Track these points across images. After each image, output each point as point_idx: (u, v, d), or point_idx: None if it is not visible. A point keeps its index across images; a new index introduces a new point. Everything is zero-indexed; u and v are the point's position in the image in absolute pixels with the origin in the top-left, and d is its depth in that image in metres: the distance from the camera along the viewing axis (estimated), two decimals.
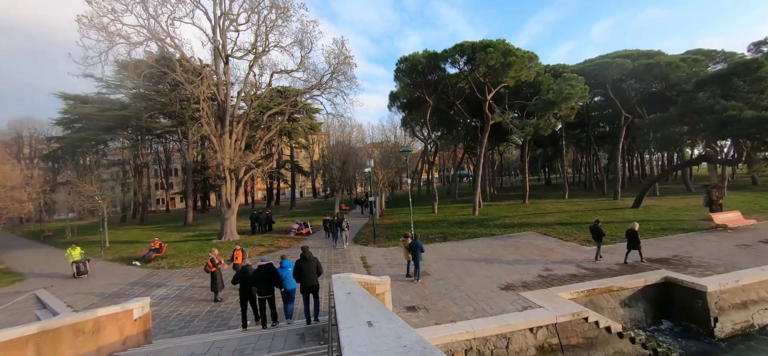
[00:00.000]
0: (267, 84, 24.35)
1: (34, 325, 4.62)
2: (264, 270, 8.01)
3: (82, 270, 15.75)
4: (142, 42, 18.44)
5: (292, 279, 8.08)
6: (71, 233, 30.84)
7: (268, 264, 8.13)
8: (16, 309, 12.26)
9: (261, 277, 7.94)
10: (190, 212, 34.40)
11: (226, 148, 21.15)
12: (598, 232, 12.86)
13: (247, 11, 22.75)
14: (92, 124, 36.38)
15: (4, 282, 15.68)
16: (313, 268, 7.86)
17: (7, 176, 16.40)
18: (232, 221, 21.72)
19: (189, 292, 12.16)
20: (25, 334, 4.42)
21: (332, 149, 50.86)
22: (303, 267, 7.80)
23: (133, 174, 41.78)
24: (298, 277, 7.87)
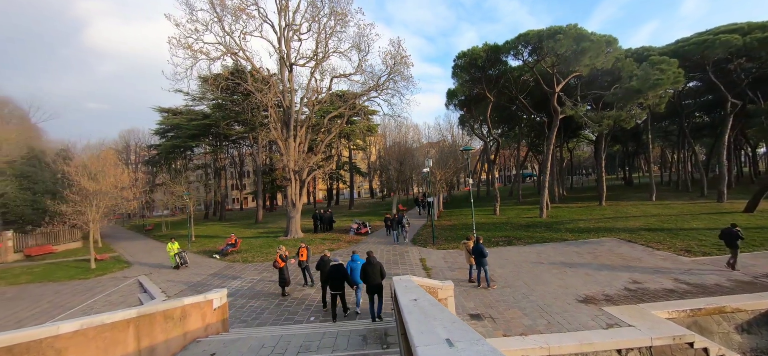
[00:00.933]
0: (327, 89, 25.33)
1: (134, 310, 5.21)
2: (335, 269, 8.99)
3: (181, 261, 17.41)
4: (220, 57, 20.47)
5: (359, 272, 9.05)
6: (166, 227, 35.53)
7: (339, 264, 9.10)
8: (124, 292, 14.35)
9: (333, 276, 8.95)
10: (260, 211, 37.33)
11: (291, 151, 22.44)
12: (733, 236, 10.81)
13: (308, 21, 23.94)
14: (181, 132, 41.57)
15: (116, 268, 18.49)
16: (377, 271, 8.52)
17: (119, 178, 19.20)
18: (296, 220, 22.98)
19: (259, 285, 13.04)
20: (127, 318, 4.98)
21: (389, 149, 51.30)
22: (368, 270, 8.54)
23: (214, 176, 46.72)
24: (364, 279, 8.63)
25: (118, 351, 4.91)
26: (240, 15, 20.08)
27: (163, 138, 46.64)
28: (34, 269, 19.66)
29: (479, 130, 40.10)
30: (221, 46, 21.01)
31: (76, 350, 4.21)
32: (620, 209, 25.46)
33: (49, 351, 3.88)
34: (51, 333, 3.91)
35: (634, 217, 21.51)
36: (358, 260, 9.45)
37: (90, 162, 20.38)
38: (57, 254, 24.30)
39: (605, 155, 33.27)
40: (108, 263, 19.84)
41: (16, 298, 14.74)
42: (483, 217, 26.48)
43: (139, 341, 5.32)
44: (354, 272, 9.31)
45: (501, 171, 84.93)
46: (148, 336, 5.53)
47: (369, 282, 8.47)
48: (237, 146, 53.40)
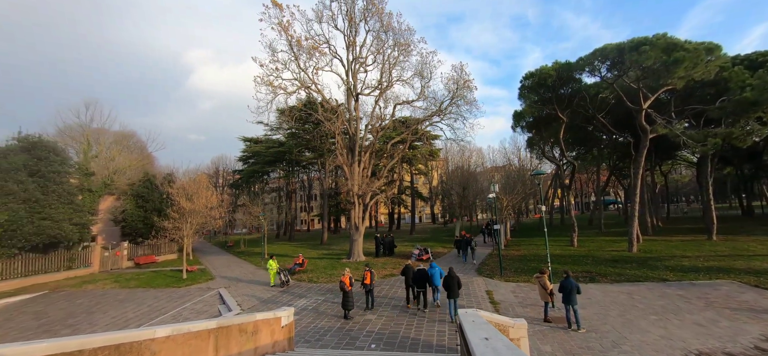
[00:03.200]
0: (390, 115, 26.04)
1: (214, 321, 5.66)
2: (419, 273, 12.19)
3: (285, 279, 17.42)
4: (295, 91, 22.53)
5: (438, 277, 12.05)
6: (244, 244, 39.04)
7: (422, 269, 12.28)
8: (207, 302, 15.89)
9: (417, 279, 12.17)
10: (325, 233, 39.02)
11: (355, 176, 23.27)
12: None
13: (373, 53, 25.22)
14: (260, 159, 46.13)
15: (202, 280, 20.68)
16: (455, 283, 11.06)
17: (209, 199, 21.73)
18: (359, 243, 23.43)
19: (323, 306, 13.37)
20: (208, 328, 5.42)
21: (451, 174, 50.27)
22: (449, 281, 11.11)
23: (285, 199, 50.54)
24: (445, 286, 11.24)
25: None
26: (313, 53, 22.01)
27: (245, 164, 52.25)
28: (140, 275, 22.99)
29: (550, 153, 37.22)
30: (296, 81, 23.15)
31: (166, 353, 4.67)
32: (739, 245, 21.00)
33: (146, 352, 4.36)
34: (148, 336, 4.40)
35: (761, 256, 17.50)
36: (436, 267, 12.30)
37: (187, 185, 23.61)
38: (158, 264, 28.18)
39: (712, 179, 28.07)
40: (196, 274, 22.32)
41: (126, 300, 17.27)
42: (558, 248, 24.02)
43: (217, 351, 5.74)
44: (433, 277, 12.04)
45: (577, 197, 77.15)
46: (225, 347, 5.94)
47: (449, 291, 11.03)
48: (306, 171, 57.30)
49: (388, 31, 24.11)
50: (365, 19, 24.10)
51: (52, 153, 23.80)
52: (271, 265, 17.98)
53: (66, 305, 17.06)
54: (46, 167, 22.86)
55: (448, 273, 11.21)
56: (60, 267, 23.22)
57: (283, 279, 17.52)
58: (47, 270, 22.47)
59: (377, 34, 24.72)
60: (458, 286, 11.03)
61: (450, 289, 10.91)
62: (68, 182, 24.55)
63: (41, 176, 22.53)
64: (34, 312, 16.36)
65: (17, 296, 18.53)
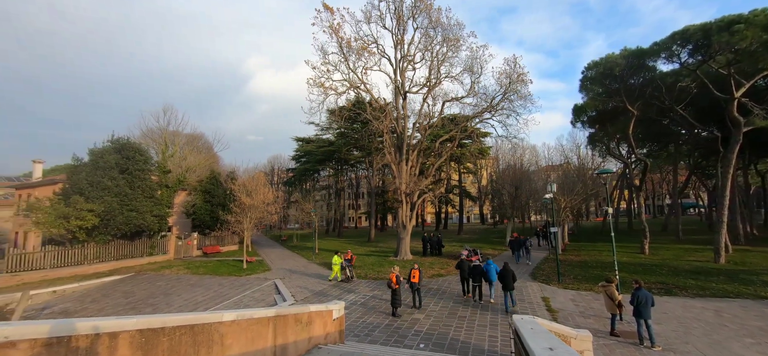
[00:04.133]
0: (439, 113, 25.61)
1: (273, 310, 6.00)
2: (475, 268, 13.34)
3: (350, 274, 17.72)
4: (345, 91, 23.16)
5: (493, 273, 13.00)
6: (296, 239, 41.14)
7: (478, 265, 13.51)
8: (264, 291, 16.98)
9: (473, 273, 13.32)
10: (372, 230, 39.64)
11: (403, 174, 23.28)
12: None
13: (421, 50, 24.99)
14: (312, 158, 48.23)
15: (259, 270, 22.16)
16: (510, 277, 11.92)
17: (266, 196, 23.18)
18: (406, 242, 23.42)
19: (371, 302, 13.58)
20: (268, 316, 5.76)
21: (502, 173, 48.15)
22: (504, 274, 12.05)
23: (334, 196, 52.28)
24: (501, 279, 12.25)
25: (260, 343, 5.69)
26: (362, 53, 22.44)
27: (298, 163, 55.06)
28: (207, 263, 25.30)
29: (616, 150, 33.90)
30: (346, 82, 23.77)
31: (232, 337, 5.05)
32: None
33: (216, 334, 4.75)
34: (217, 319, 4.79)
35: None
36: (492, 264, 13.28)
37: (247, 182, 25.46)
38: (222, 254, 30.80)
39: None
40: (254, 265, 23.99)
41: (196, 285, 19.10)
42: (625, 255, 21.81)
43: (275, 338, 6.07)
44: (489, 273, 13.04)
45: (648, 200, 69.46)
46: (282, 335, 6.27)
47: (504, 281, 11.97)
48: (354, 170, 58.73)
49: (436, 27, 23.76)
50: (413, 16, 23.98)
51: (138, 153, 27.14)
52: (335, 260, 18.24)
53: (148, 286, 19.38)
54: (133, 166, 26.14)
55: (503, 267, 12.29)
56: (143, 253, 26.43)
57: (348, 274, 17.72)
58: (133, 255, 25.71)
59: (425, 31, 24.46)
60: (513, 279, 11.99)
61: (505, 282, 11.88)
62: (150, 178, 27.82)
63: (129, 174, 25.82)
64: (123, 290, 18.83)
65: (111, 276, 21.45)
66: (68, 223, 21.89)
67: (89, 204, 22.71)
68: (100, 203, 23.30)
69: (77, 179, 23.92)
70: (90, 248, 23.31)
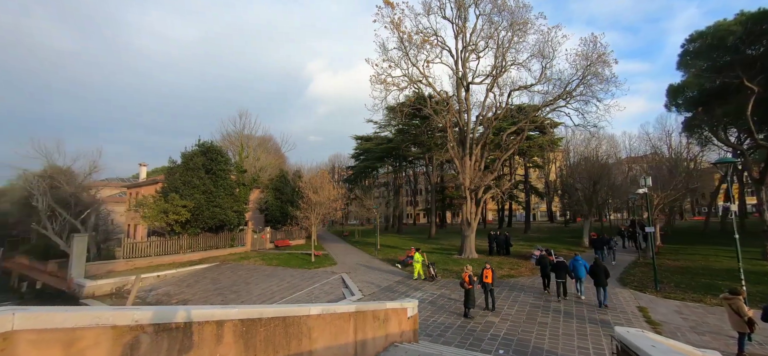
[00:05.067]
0: (505, 103, 24.08)
1: (353, 305, 6.00)
2: (559, 264, 13.07)
3: (434, 273, 16.65)
4: (406, 87, 22.93)
5: (582, 269, 12.62)
6: (358, 235, 42.27)
7: (562, 261, 13.24)
8: (332, 284, 17.56)
9: (557, 269, 13.02)
10: (433, 227, 39.01)
11: (467, 169, 22.34)
12: None
13: (485, 38, 23.68)
14: (371, 156, 49.11)
15: (326, 264, 23.06)
16: (602, 273, 11.62)
17: (331, 193, 24.03)
18: (471, 239, 22.49)
19: (440, 301, 13.18)
20: (349, 311, 5.77)
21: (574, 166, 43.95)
22: (596, 270, 11.74)
23: (393, 193, 52.64)
24: (592, 275, 11.87)
25: (343, 338, 5.71)
26: (423, 45, 21.99)
27: (357, 161, 56.53)
28: (280, 256, 27.12)
29: (723, 136, 28.61)
30: (406, 77, 23.51)
31: (318, 330, 5.11)
32: None
33: (304, 327, 4.83)
34: (305, 313, 4.87)
35: None
36: (580, 260, 12.89)
37: (313, 179, 26.71)
38: (291, 247, 32.83)
39: None
40: (321, 258, 25.07)
41: (270, 276, 20.54)
42: (746, 262, 18.20)
43: (356, 333, 6.06)
44: (576, 269, 12.65)
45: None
46: (362, 331, 6.24)
47: (596, 279, 11.67)
48: (412, 167, 58.46)
49: (502, 12, 22.29)
50: (475, 3, 22.80)
51: (219, 155, 30.14)
52: (417, 258, 17.32)
53: (231, 274, 21.36)
54: (216, 166, 29.08)
55: (594, 262, 12.00)
56: (225, 244, 29.31)
57: (433, 272, 16.67)
58: (217, 246, 28.64)
59: (489, 17, 23.13)
60: (606, 275, 11.61)
61: (598, 277, 11.57)
62: (230, 177, 30.72)
63: (213, 174, 28.79)
64: (211, 278, 21.02)
65: (200, 264, 24.13)
66: (167, 217, 25.13)
67: (183, 201, 25.81)
68: (191, 199, 26.34)
69: (173, 178, 27.34)
70: (184, 239, 26.50)
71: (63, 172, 27.42)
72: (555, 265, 13.16)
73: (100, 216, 30.76)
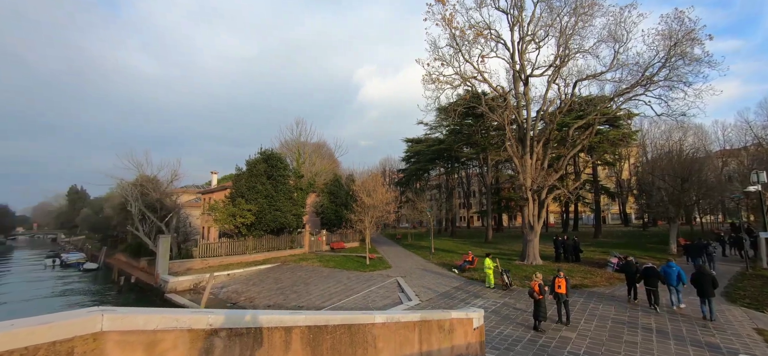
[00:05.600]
0: (569, 96, 22.03)
1: (418, 314, 5.65)
2: (649, 270, 11.67)
3: (509, 281, 15.24)
4: (460, 85, 22.08)
5: (675, 277, 11.26)
6: (411, 238, 41.85)
7: (651, 267, 11.84)
8: (388, 288, 17.37)
9: (647, 275, 11.63)
10: (489, 230, 37.14)
11: (528, 169, 20.79)
12: None
13: (545, 26, 21.93)
14: (422, 158, 48.50)
15: (381, 267, 23.01)
16: (708, 281, 10.10)
17: (384, 195, 24.02)
18: (534, 244, 20.83)
19: (504, 311, 12.24)
20: (414, 320, 5.44)
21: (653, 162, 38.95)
22: (700, 279, 10.22)
23: (446, 195, 51.35)
24: (695, 284, 10.38)
25: (407, 349, 5.39)
26: (477, 39, 21.00)
27: (408, 163, 56.22)
28: (335, 258, 27.77)
29: None
30: (458, 75, 22.63)
31: (383, 339, 4.85)
32: None
33: (369, 335, 4.60)
34: (370, 321, 4.65)
35: None
36: (673, 266, 11.45)
37: (366, 182, 26.96)
38: (346, 250, 33.50)
39: None
40: (375, 262, 25.12)
41: (328, 277, 21.02)
42: None
43: (421, 344, 5.70)
44: (669, 276, 11.35)
45: None
46: (427, 341, 5.86)
47: (701, 288, 10.20)
48: (465, 168, 56.56)
49: None
50: None
51: (279, 161, 31.90)
52: (488, 264, 15.80)
53: (291, 275, 22.31)
54: (276, 172, 30.81)
55: (698, 269, 10.76)
56: (285, 246, 30.84)
57: (507, 280, 15.20)
58: (278, 248, 30.23)
59: (548, 3, 21.37)
60: (713, 285, 10.20)
61: (702, 287, 10.20)
62: (289, 182, 32.35)
63: (274, 179, 30.54)
64: (273, 277, 22.14)
65: (264, 265, 25.61)
66: (235, 220, 27.16)
67: (248, 205, 27.71)
68: (255, 204, 28.19)
69: (239, 184, 29.53)
70: (249, 240, 28.41)
71: (150, 180, 31.10)
72: (644, 271, 11.81)
73: (180, 219, 34.33)
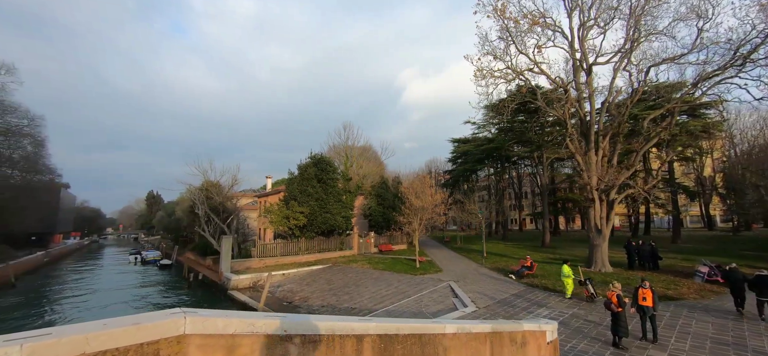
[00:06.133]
0: (642, 83, 19.71)
1: (489, 325, 5.17)
2: (763, 279, 10.40)
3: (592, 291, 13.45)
4: (514, 78, 20.82)
5: None
6: (460, 241, 40.53)
7: (765, 275, 10.44)
8: (441, 293, 16.80)
9: (760, 284, 10.46)
10: (547, 234, 34.65)
11: (593, 166, 18.92)
12: None
13: (608, 9, 19.88)
14: (470, 158, 46.89)
15: (431, 271, 22.44)
16: None
17: (434, 197, 23.45)
18: (603, 249, 18.86)
19: (574, 322, 11.11)
20: (485, 331, 4.99)
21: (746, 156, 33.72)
22: None
23: (496, 197, 49.08)
24: None
25: None
26: (533, 29, 19.66)
27: (455, 164, 54.71)
28: (384, 260, 27.71)
29: None
30: (509, 70, 21.35)
31: (454, 351, 4.48)
32: None
33: (439, 346, 4.26)
34: (440, 331, 4.30)
35: None
36: None
37: (414, 184, 26.57)
38: (394, 252, 33.33)
39: None
40: (425, 264, 24.60)
41: (378, 280, 20.94)
42: None
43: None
44: None
45: None
46: (499, 354, 5.35)
47: None
48: (516, 167, 53.68)
49: None
50: None
51: (328, 165, 32.75)
52: (567, 271, 14.13)
53: (342, 276, 22.63)
54: (326, 176, 31.66)
55: None
56: (335, 248, 31.52)
57: (591, 290, 13.38)
58: (329, 249, 30.98)
59: None
60: None
61: None
62: (337, 185, 33.07)
63: (323, 182, 31.41)
64: (325, 278, 22.62)
65: (316, 265, 26.34)
66: (288, 222, 28.34)
67: (300, 207, 28.76)
68: (306, 206, 29.19)
69: (292, 188, 30.80)
70: (302, 242, 29.46)
71: (214, 185, 33.67)
72: (757, 280, 10.51)
73: (239, 221, 36.74)
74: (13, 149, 36.96)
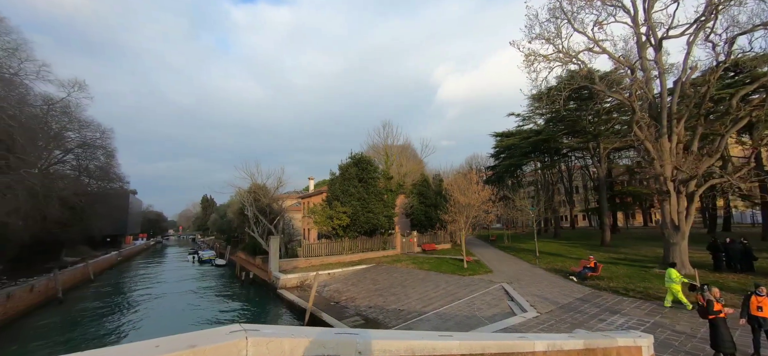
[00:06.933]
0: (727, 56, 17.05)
1: (580, 341, 4.41)
2: None
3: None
4: (568, 61, 19.06)
5: None
6: (507, 239, 38.52)
7: None
8: (494, 295, 15.75)
9: None
10: (606, 231, 31.70)
11: (667, 154, 16.72)
12: None
13: None
14: (515, 152, 44.45)
15: (481, 271, 21.30)
16: None
17: (480, 194, 22.28)
18: (682, 248, 16.59)
19: (660, 334, 9.66)
20: (577, 348, 4.29)
21: None
22: None
23: (545, 192, 46.09)
24: None
25: None
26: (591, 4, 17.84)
27: (497, 160, 52.25)
28: (429, 260, 26.94)
29: None
30: (560, 54, 19.56)
31: None
32: None
33: None
34: (529, 349, 3.65)
35: None
36: None
37: (459, 180, 25.50)
38: (438, 252, 32.39)
39: None
40: (473, 265, 23.47)
41: (424, 280, 20.26)
42: None
43: None
44: None
45: None
46: None
47: None
48: (565, 160, 50.04)
49: None
50: None
51: (369, 164, 32.64)
52: (674, 276, 11.88)
53: (387, 276, 22.26)
54: (367, 175, 31.57)
55: None
56: (378, 247, 31.32)
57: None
58: (372, 249, 30.85)
59: None
60: None
61: None
62: (378, 184, 32.85)
63: (365, 182, 31.35)
64: (371, 278, 22.39)
65: (360, 265, 26.28)
66: (332, 222, 28.61)
67: (343, 207, 28.91)
68: (348, 206, 29.28)
69: (334, 188, 31.09)
70: (345, 241, 29.62)
71: (261, 188, 35.03)
72: None
73: (285, 222, 37.96)
74: (90, 160, 41.34)
